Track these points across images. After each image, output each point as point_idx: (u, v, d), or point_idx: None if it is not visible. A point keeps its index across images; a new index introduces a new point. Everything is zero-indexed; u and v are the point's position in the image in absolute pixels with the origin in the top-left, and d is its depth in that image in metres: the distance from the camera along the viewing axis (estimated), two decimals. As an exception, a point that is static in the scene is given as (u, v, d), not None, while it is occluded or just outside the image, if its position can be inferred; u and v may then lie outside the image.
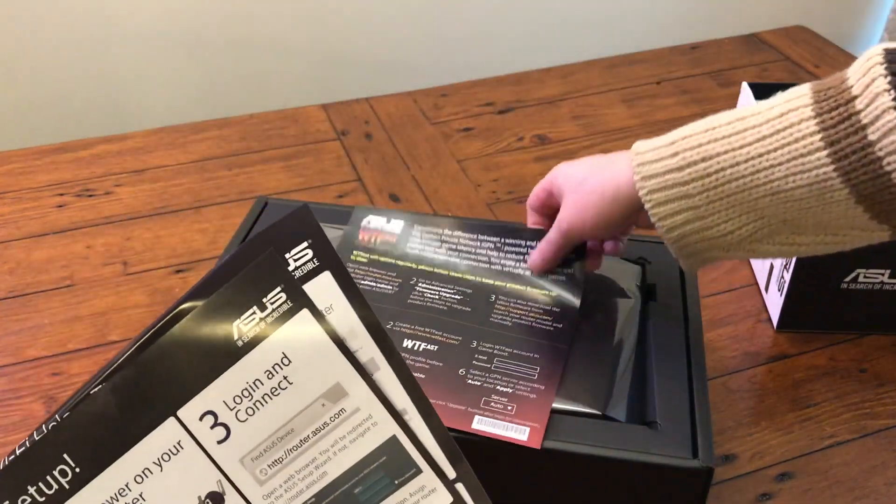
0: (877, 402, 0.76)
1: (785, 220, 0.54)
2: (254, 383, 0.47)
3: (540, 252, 0.68)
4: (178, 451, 0.48)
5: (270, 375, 0.47)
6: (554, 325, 0.65)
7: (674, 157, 0.55)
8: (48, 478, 0.48)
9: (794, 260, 0.77)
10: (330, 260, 0.47)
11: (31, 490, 0.48)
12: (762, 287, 0.86)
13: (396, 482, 0.49)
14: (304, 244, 0.48)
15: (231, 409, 0.48)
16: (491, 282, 0.69)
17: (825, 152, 0.49)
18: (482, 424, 0.57)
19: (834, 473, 0.70)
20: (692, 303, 0.69)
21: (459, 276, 0.69)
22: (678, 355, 0.64)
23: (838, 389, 0.77)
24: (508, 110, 1.18)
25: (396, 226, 0.72)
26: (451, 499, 0.49)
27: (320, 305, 0.47)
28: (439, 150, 1.09)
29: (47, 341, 0.81)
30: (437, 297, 0.67)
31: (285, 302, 0.47)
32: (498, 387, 0.60)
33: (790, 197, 0.52)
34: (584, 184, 0.62)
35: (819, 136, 0.49)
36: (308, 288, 0.47)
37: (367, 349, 0.48)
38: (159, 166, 1.05)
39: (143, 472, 0.48)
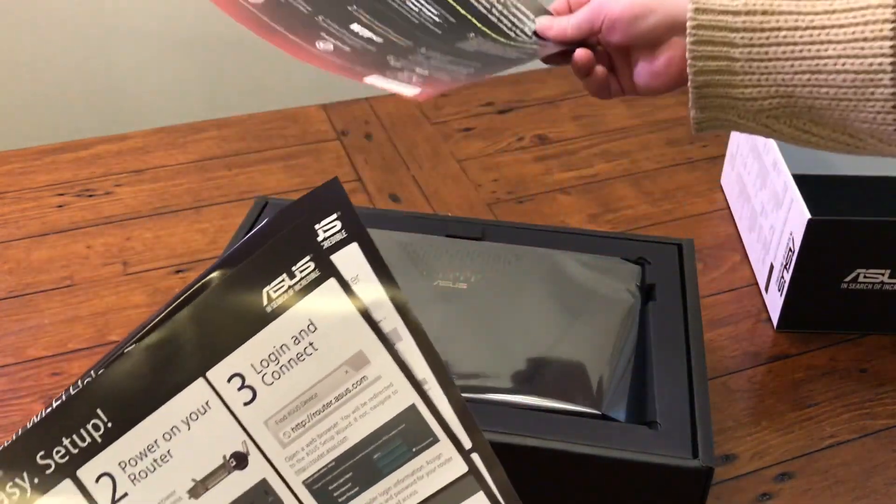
0: (877, 402, 0.76)
1: (812, 105, 0.52)
2: (281, 348, 0.49)
3: (559, 24, 0.64)
4: (205, 410, 0.50)
5: (297, 341, 0.49)
6: (529, 28, 0.64)
7: None
8: (82, 431, 0.50)
9: (794, 260, 0.77)
10: (358, 232, 0.49)
11: (66, 442, 0.50)
12: (762, 287, 0.86)
13: (413, 450, 0.50)
14: (334, 216, 0.49)
15: (258, 373, 0.49)
16: (477, 24, 0.65)
17: (890, 43, 0.48)
18: (374, 80, 0.57)
19: (834, 473, 0.70)
20: (692, 303, 0.69)
21: (454, 2, 0.66)
22: (678, 355, 0.64)
23: (838, 389, 0.77)
24: (508, 110, 1.18)
25: None
26: (466, 468, 0.50)
27: (347, 276, 0.49)
28: (439, 150, 1.09)
29: (47, 341, 0.81)
30: (416, 8, 0.64)
31: (313, 271, 0.49)
32: (417, 69, 0.58)
33: (831, 81, 0.51)
34: None
35: (891, 26, 0.48)
36: (336, 258, 0.49)
37: (390, 320, 0.49)
38: (159, 166, 1.05)
39: (171, 429, 0.50)
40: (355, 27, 0.61)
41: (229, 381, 0.50)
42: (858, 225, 0.75)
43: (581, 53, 0.62)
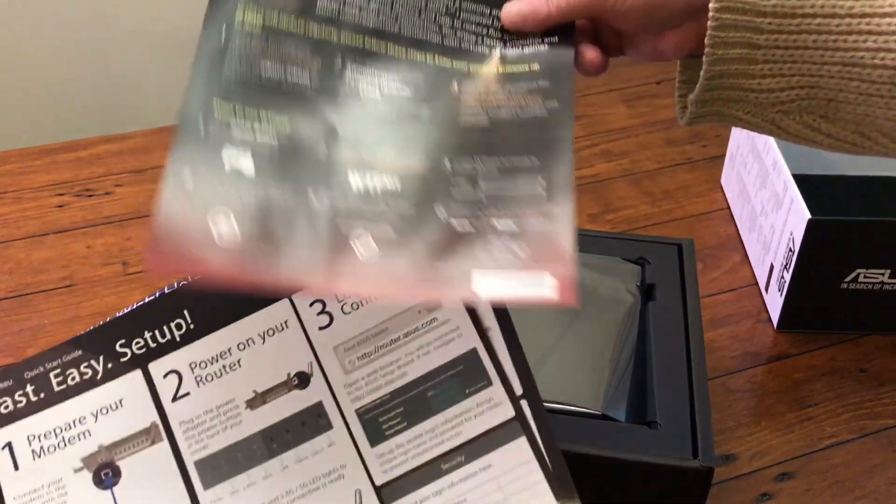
0: (877, 402, 0.76)
1: (834, 99, 0.48)
2: None
3: (536, 3, 0.52)
4: (282, 328, 0.53)
5: None
6: (546, 105, 0.50)
7: None
8: (165, 328, 0.53)
9: (794, 260, 0.77)
10: None
11: (147, 335, 0.53)
12: (762, 287, 0.86)
13: (467, 391, 0.52)
14: None
15: (339, 301, 0.53)
16: (448, 64, 0.51)
17: None
18: (488, 285, 0.44)
19: (834, 473, 0.70)
20: (692, 303, 0.69)
21: (402, 54, 0.51)
22: (678, 355, 0.64)
23: (838, 389, 0.77)
24: (508, 110, 1.18)
25: None
26: (513, 413, 0.51)
27: None
28: (439, 150, 1.09)
29: (47, 341, 0.81)
30: (377, 94, 0.50)
31: None
32: (494, 223, 0.46)
33: (865, 75, 0.46)
34: None
35: None
36: None
37: None
38: (159, 166, 1.05)
39: (246, 340, 0.53)
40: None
41: (311, 304, 0.52)
42: (858, 225, 0.75)
43: (593, 56, 0.53)
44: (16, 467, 0.52)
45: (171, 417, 0.52)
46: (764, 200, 0.86)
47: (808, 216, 0.74)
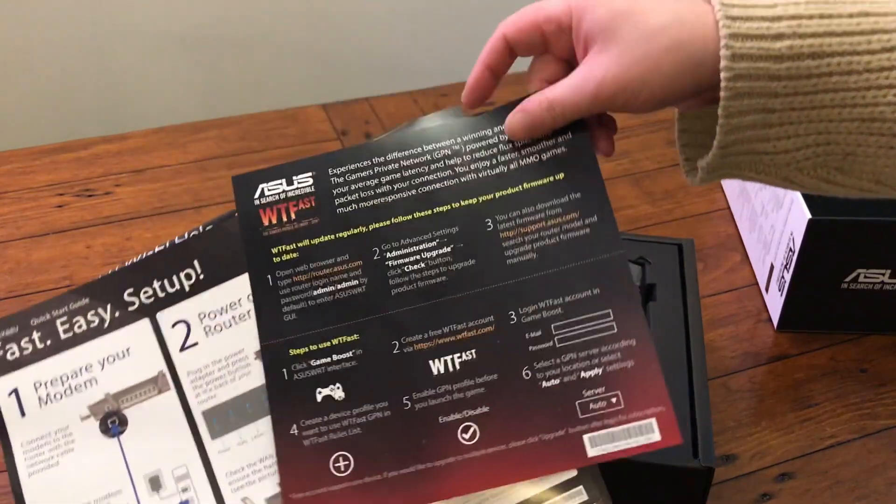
0: (877, 402, 0.76)
1: (851, 153, 0.46)
2: None
3: (535, 110, 0.50)
4: None
5: None
6: (586, 221, 0.49)
7: (777, 40, 0.44)
8: (174, 277, 0.53)
9: (794, 260, 0.77)
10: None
11: (156, 284, 0.53)
12: (762, 287, 0.86)
13: None
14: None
15: None
16: (473, 201, 0.51)
17: None
18: (599, 447, 0.45)
19: (834, 473, 0.70)
20: (692, 303, 0.69)
21: (429, 213, 0.51)
22: (678, 355, 0.64)
23: (838, 389, 0.77)
24: (508, 110, 1.18)
25: (305, 182, 0.53)
26: None
27: None
28: (439, 150, 1.09)
29: (47, 341, 0.81)
30: (422, 265, 0.50)
31: None
32: (581, 373, 0.46)
33: (883, 129, 0.44)
34: (657, 39, 0.46)
35: None
36: None
37: None
38: (159, 166, 1.05)
39: None
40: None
41: None
42: (858, 225, 0.74)
43: (606, 147, 0.53)
44: (22, 414, 0.52)
45: (178, 367, 0.52)
46: (764, 200, 0.86)
47: (809, 216, 0.74)
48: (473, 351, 0.48)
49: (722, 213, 0.97)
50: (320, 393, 0.49)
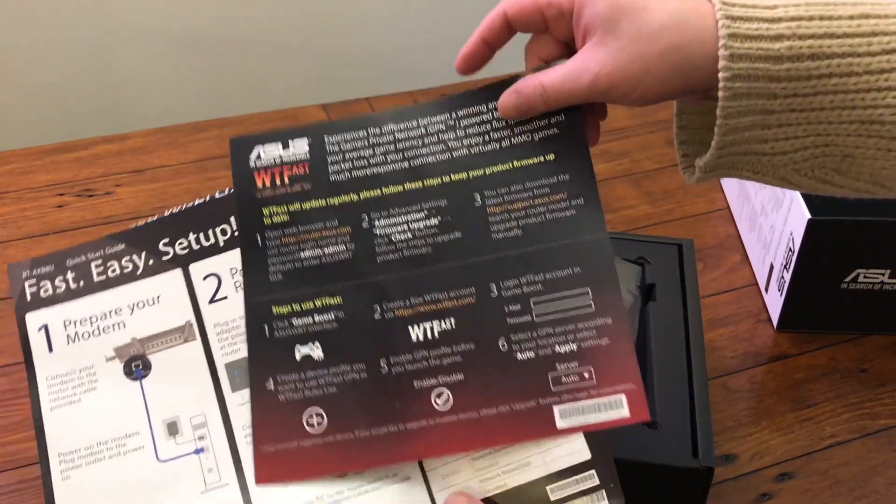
0: (877, 402, 0.76)
1: (850, 154, 0.46)
2: None
3: (528, 94, 0.50)
4: None
5: None
6: (572, 202, 0.50)
7: (776, 41, 0.44)
8: (209, 231, 0.54)
9: (794, 260, 0.77)
10: None
11: (191, 237, 0.54)
12: (762, 287, 0.86)
13: None
14: None
15: None
16: (463, 176, 0.52)
17: None
18: (568, 418, 0.47)
19: (834, 473, 0.70)
20: (692, 303, 0.69)
21: (419, 185, 0.52)
22: (678, 355, 0.64)
23: (838, 389, 0.77)
24: (508, 110, 1.18)
25: (300, 147, 0.54)
26: None
27: None
28: (439, 150, 1.09)
29: (47, 341, 0.81)
30: (409, 234, 0.51)
31: None
32: (556, 346, 0.48)
33: (882, 132, 0.44)
34: (658, 39, 0.46)
35: None
36: None
37: None
38: (159, 166, 1.05)
39: None
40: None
41: None
42: (858, 225, 0.75)
43: (594, 136, 0.53)
44: (50, 349, 0.54)
45: (206, 318, 0.53)
46: (764, 200, 0.86)
47: (808, 216, 0.74)
48: (453, 320, 0.49)
49: (722, 213, 0.97)
50: (299, 351, 0.50)
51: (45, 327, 0.54)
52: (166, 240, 0.54)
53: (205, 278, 0.53)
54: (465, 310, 0.49)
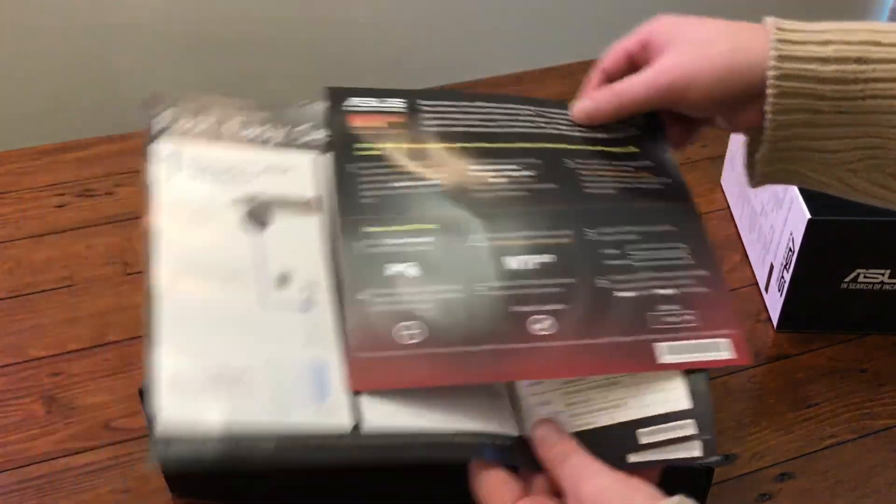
0: (877, 402, 0.76)
1: None
2: None
3: (599, 97, 0.55)
4: None
5: None
6: (661, 181, 0.54)
7: (823, 45, 0.47)
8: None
9: (794, 260, 0.77)
10: None
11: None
12: (762, 287, 0.86)
13: None
14: None
15: None
16: (555, 145, 0.55)
17: None
18: (671, 355, 0.47)
19: (834, 473, 0.70)
20: (692, 303, 0.69)
21: (512, 146, 0.55)
22: (678, 355, 0.64)
23: (838, 389, 0.77)
24: (508, 110, 1.18)
25: (396, 104, 0.57)
26: None
27: None
28: (439, 150, 1.09)
29: (47, 341, 0.81)
30: (504, 179, 0.53)
31: None
32: (656, 290, 0.49)
33: None
34: (713, 44, 0.50)
35: None
36: None
37: None
38: (159, 166, 1.05)
39: None
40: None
41: None
42: (858, 225, 0.75)
43: (677, 139, 0.57)
44: (170, 177, 0.52)
45: (330, 205, 0.52)
46: (764, 200, 0.86)
47: (808, 216, 0.74)
48: (551, 256, 0.50)
49: (722, 214, 0.97)
50: (395, 267, 0.49)
51: (175, 155, 0.52)
52: (309, 125, 0.55)
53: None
54: (564, 248, 0.50)
